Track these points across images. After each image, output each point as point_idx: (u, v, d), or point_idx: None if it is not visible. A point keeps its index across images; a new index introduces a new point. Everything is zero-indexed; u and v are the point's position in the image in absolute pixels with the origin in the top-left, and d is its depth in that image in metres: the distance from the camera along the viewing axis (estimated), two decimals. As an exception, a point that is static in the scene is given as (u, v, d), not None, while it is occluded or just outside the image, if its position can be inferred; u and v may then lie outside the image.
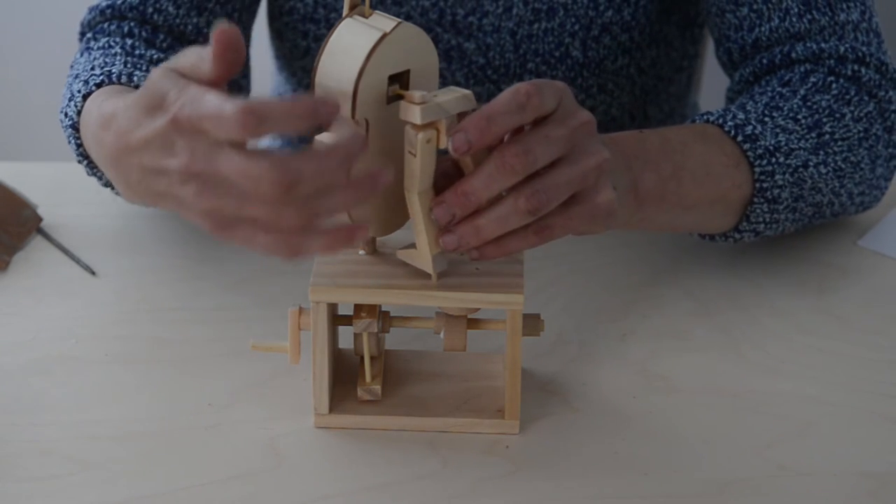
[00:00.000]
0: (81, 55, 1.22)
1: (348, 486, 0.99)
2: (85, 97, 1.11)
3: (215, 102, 0.88)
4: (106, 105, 1.02)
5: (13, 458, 1.01)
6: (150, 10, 1.24)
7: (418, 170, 0.95)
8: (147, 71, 1.14)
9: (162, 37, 1.23)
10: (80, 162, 1.15)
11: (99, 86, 1.11)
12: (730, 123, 1.14)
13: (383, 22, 0.96)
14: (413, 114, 0.94)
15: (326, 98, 0.89)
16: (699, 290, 1.18)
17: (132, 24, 1.23)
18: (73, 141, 1.13)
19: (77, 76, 1.16)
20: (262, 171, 0.87)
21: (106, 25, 1.24)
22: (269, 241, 0.91)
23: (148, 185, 0.94)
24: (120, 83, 1.11)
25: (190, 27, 1.24)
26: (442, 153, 0.97)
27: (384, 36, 0.95)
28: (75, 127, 1.12)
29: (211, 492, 0.98)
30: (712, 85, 1.78)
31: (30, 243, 1.23)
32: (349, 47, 0.95)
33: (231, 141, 0.88)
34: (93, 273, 1.20)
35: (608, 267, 1.21)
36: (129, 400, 1.06)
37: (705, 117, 1.15)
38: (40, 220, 1.25)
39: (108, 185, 1.15)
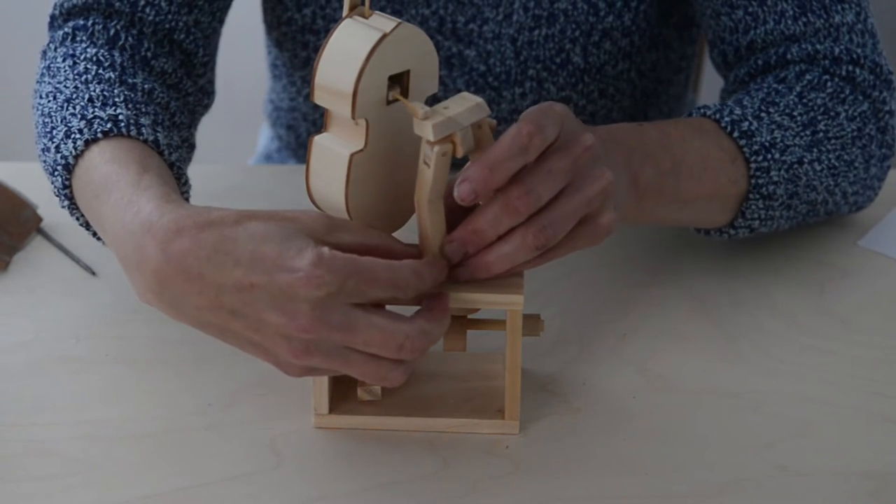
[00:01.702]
0: (64, 60, 1.14)
1: (348, 486, 0.99)
2: (87, 143, 1.04)
3: (386, 264, 0.93)
4: (123, 185, 1.00)
5: (13, 458, 1.01)
6: (142, 2, 1.18)
7: (430, 180, 0.95)
8: (146, 114, 1.08)
9: (146, 44, 1.17)
10: (57, 195, 1.08)
11: (106, 134, 1.04)
12: (726, 119, 1.14)
13: (383, 22, 0.96)
14: (426, 131, 0.94)
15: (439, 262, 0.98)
16: (699, 289, 1.18)
17: (118, 25, 1.17)
18: (59, 178, 1.06)
19: (68, 100, 1.09)
20: (403, 338, 0.93)
21: (89, 23, 1.17)
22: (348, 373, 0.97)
23: (211, 321, 0.95)
24: (129, 135, 1.05)
25: (180, 24, 1.19)
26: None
27: (384, 36, 0.95)
28: (68, 168, 1.05)
29: (211, 492, 0.98)
30: (710, 84, 1.78)
31: (30, 243, 1.23)
32: (349, 48, 0.95)
33: (376, 301, 0.94)
34: (93, 273, 1.20)
35: (608, 267, 1.21)
36: (129, 400, 1.06)
37: (702, 111, 1.16)
38: (40, 220, 1.25)
39: (85, 224, 1.10)
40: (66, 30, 1.18)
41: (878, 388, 1.08)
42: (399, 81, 0.97)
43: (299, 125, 1.47)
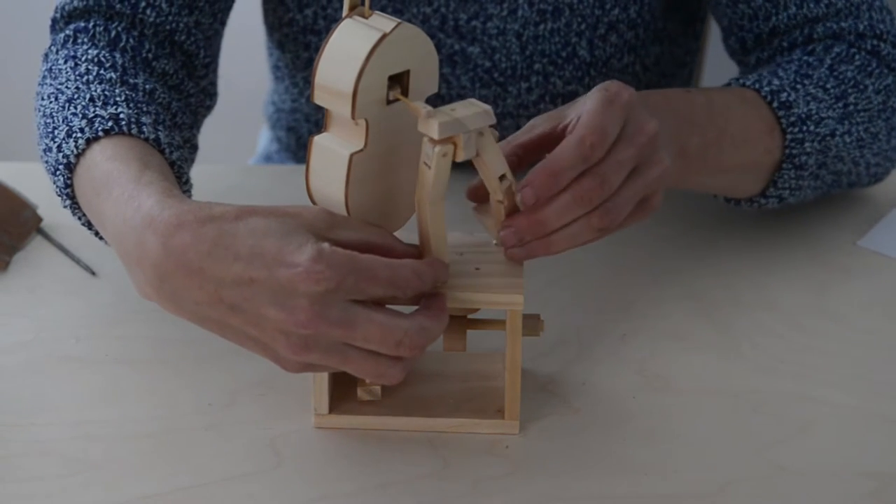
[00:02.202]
0: (66, 61, 1.14)
1: (348, 486, 0.99)
2: (89, 141, 1.05)
3: (386, 263, 0.93)
4: (125, 181, 1.00)
5: (13, 458, 1.01)
6: (143, 3, 1.18)
7: (431, 182, 0.95)
8: (147, 113, 1.08)
9: (147, 46, 1.17)
10: (59, 195, 1.08)
11: (107, 132, 1.05)
12: (766, 89, 1.17)
13: (383, 22, 0.96)
14: (431, 128, 0.94)
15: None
16: (699, 289, 1.18)
17: (119, 27, 1.17)
18: (61, 178, 1.06)
19: (70, 100, 1.09)
20: (401, 334, 0.93)
21: (91, 25, 1.17)
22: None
23: (210, 316, 0.95)
24: (130, 134, 1.05)
25: (181, 26, 1.19)
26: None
27: (384, 36, 0.95)
28: (70, 167, 1.05)
29: (211, 492, 0.98)
30: (711, 82, 1.77)
31: (30, 243, 1.24)
32: (349, 48, 0.95)
33: (377, 299, 0.93)
34: (93, 273, 1.20)
35: (608, 267, 1.21)
36: (129, 400, 1.06)
37: (741, 81, 1.18)
38: (40, 220, 1.25)
39: (87, 224, 1.10)
40: (67, 32, 1.18)
41: (878, 388, 1.08)
42: (399, 81, 0.97)
43: (301, 126, 1.47)
